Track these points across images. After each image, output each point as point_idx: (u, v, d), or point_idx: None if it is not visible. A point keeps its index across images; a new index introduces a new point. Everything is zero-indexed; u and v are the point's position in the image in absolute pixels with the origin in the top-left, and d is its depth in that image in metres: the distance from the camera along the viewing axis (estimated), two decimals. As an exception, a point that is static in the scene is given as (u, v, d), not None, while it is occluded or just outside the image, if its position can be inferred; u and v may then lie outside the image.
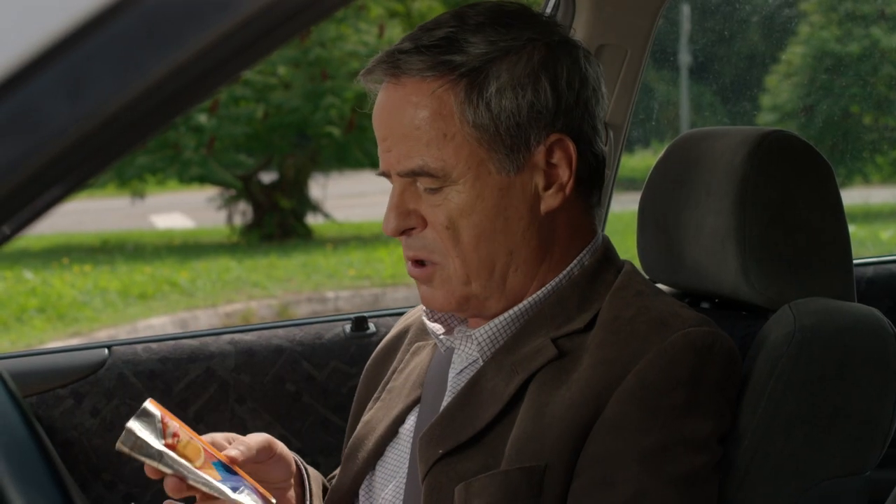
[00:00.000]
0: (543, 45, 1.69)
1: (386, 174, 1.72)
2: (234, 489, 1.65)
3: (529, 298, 1.72)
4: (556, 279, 1.73)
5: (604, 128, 1.76)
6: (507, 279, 1.71)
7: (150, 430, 1.65)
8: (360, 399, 2.00)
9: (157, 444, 1.64)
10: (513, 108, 1.66)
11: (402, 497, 1.76)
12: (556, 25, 1.73)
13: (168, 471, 1.63)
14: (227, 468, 1.70)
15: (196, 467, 1.64)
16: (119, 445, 1.63)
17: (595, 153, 1.73)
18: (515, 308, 1.73)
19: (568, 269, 1.74)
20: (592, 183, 1.75)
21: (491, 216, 1.67)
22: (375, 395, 1.93)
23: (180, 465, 1.64)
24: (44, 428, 2.25)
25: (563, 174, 1.69)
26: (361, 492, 1.84)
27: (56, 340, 9.32)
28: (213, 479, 1.64)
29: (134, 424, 1.64)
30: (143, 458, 1.63)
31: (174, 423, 1.67)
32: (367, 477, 1.84)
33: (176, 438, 1.65)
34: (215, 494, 1.64)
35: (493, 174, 1.67)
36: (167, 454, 1.63)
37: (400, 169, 1.68)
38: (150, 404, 1.67)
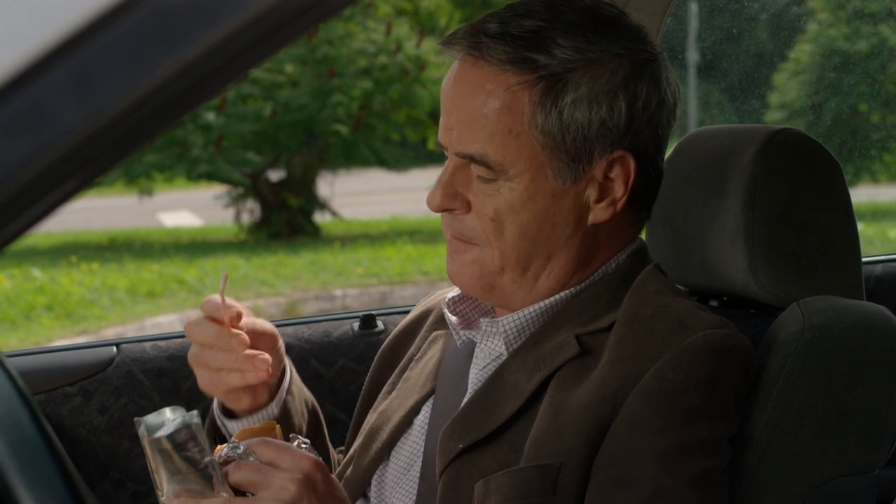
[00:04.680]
0: (629, 61, 1.66)
1: (443, 147, 1.71)
2: None
3: (561, 293, 1.72)
4: (591, 277, 1.73)
5: (667, 145, 1.74)
6: (539, 280, 1.71)
7: (202, 437, 1.51)
8: (373, 382, 1.99)
9: (208, 453, 1.51)
10: (584, 121, 1.64)
11: (415, 490, 1.75)
12: (646, 42, 1.70)
13: (195, 486, 1.50)
14: None
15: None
16: (165, 439, 1.49)
17: (655, 172, 1.72)
18: (545, 302, 1.72)
19: (603, 267, 1.73)
20: (645, 199, 1.74)
21: (539, 219, 1.66)
22: (392, 380, 1.92)
23: (216, 480, 1.51)
24: (52, 426, 2.25)
25: (619, 190, 1.68)
26: (374, 482, 1.83)
27: (64, 338, 9.33)
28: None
29: (196, 423, 1.49)
30: (180, 459, 1.49)
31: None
32: (380, 468, 1.83)
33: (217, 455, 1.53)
34: None
35: (549, 179, 1.65)
36: (216, 465, 1.51)
37: (458, 150, 1.67)
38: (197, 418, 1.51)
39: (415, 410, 1.83)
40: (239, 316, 1.73)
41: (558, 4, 1.66)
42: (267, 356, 1.73)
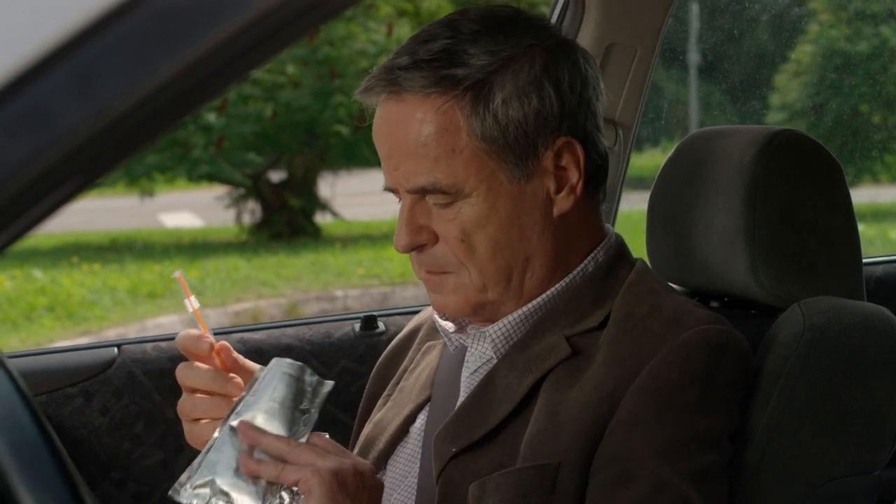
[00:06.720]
0: (543, 49, 1.68)
1: (393, 190, 1.71)
2: None
3: (543, 295, 1.72)
4: (570, 276, 1.73)
5: (604, 124, 1.76)
6: (525, 284, 1.71)
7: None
8: (370, 396, 1.99)
9: (314, 415, 1.61)
10: (519, 117, 1.65)
11: (414, 497, 1.76)
12: (550, 28, 1.73)
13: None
14: None
15: None
16: (304, 371, 1.59)
17: (599, 151, 1.73)
18: (529, 305, 1.72)
19: (582, 265, 1.74)
20: (598, 180, 1.75)
21: (506, 226, 1.67)
22: (386, 393, 1.93)
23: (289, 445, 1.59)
24: (53, 426, 2.25)
25: (573, 176, 1.70)
26: (373, 491, 1.83)
27: (65, 339, 9.32)
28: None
29: (326, 392, 1.60)
30: (292, 395, 1.58)
31: None
32: (378, 477, 1.83)
33: None
34: None
35: (504, 184, 1.66)
36: (308, 421, 1.60)
37: (409, 186, 1.67)
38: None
39: (411, 419, 1.83)
40: (225, 350, 1.70)
41: (455, 20, 1.68)
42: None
